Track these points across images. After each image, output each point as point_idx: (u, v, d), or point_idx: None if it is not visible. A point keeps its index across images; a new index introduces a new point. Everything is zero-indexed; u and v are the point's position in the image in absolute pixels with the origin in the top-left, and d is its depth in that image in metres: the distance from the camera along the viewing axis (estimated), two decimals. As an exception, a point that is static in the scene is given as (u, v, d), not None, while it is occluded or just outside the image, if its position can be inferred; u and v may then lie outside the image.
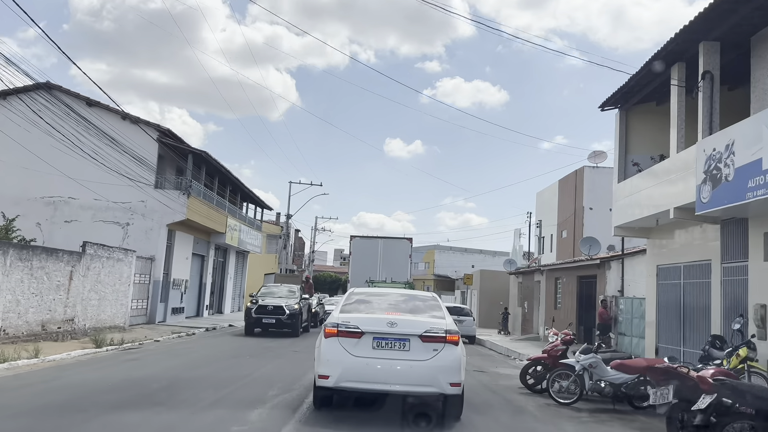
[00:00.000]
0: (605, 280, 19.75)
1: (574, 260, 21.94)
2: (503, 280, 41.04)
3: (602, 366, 10.18)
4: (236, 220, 32.68)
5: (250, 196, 36.12)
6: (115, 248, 20.04)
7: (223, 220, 29.64)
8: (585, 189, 31.69)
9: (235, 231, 32.23)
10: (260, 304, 20.95)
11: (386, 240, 27.68)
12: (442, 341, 7.32)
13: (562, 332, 12.03)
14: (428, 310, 8.21)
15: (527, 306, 28.66)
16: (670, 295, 15.37)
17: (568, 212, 33.21)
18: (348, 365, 7.24)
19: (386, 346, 7.30)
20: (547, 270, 25.70)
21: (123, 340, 16.30)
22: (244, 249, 35.85)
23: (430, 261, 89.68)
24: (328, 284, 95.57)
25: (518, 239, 59.52)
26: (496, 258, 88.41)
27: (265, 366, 13.13)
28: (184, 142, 25.29)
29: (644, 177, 15.22)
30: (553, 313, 24.96)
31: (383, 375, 7.21)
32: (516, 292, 31.41)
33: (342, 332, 7.40)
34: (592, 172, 31.99)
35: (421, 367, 7.20)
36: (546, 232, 37.05)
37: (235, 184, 32.08)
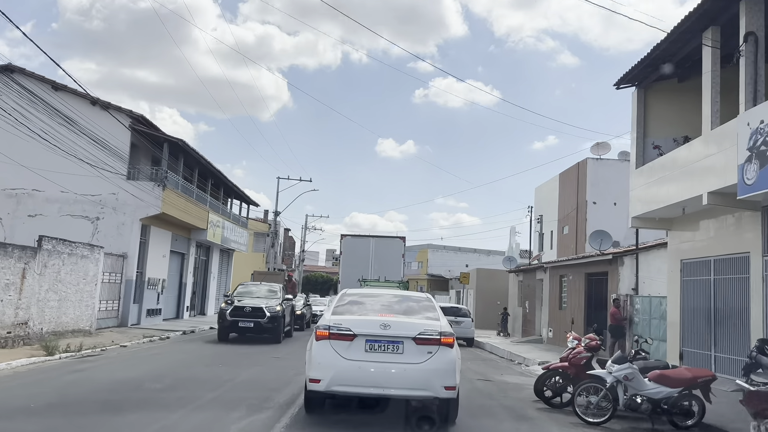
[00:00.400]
0: (617, 278, 18.06)
1: (583, 256, 20.24)
2: (501, 279, 39.36)
3: (639, 378, 8.43)
4: (219, 216, 30.81)
5: (234, 191, 34.22)
6: (78, 243, 18.16)
7: (203, 216, 27.77)
8: (588, 182, 30.03)
9: (217, 227, 30.37)
10: (236, 306, 18.49)
11: (378, 239, 26.58)
12: (436, 343, 7.11)
13: (586, 337, 10.25)
14: (422, 311, 7.93)
15: (528, 306, 26.96)
16: (697, 293, 13.68)
17: (570, 207, 31.54)
18: (340, 369, 7.03)
19: (379, 348, 7.09)
20: (551, 267, 24.01)
21: (82, 345, 14.42)
22: (228, 247, 33.99)
23: (423, 260, 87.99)
24: (320, 285, 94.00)
25: (514, 237, 57.99)
26: (491, 257, 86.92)
27: (237, 377, 11.28)
28: (159, 130, 23.42)
29: (668, 161, 13.52)
30: (557, 313, 23.26)
31: (376, 378, 7.01)
32: (516, 292, 29.69)
33: (334, 335, 7.18)
34: (596, 164, 30.34)
35: (415, 370, 7.01)
36: (546, 228, 35.38)
37: (217, 177, 30.20)
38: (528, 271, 27.83)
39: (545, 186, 36.11)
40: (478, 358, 19.84)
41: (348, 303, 8.10)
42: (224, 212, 32.99)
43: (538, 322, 25.78)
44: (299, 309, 25.13)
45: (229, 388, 9.90)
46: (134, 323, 22.52)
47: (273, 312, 18.44)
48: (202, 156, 25.80)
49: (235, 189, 33.43)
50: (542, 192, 36.45)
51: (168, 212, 22.91)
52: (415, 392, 7.15)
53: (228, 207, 35.47)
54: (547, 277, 24.56)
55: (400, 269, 25.34)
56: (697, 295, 13.66)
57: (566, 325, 22.13)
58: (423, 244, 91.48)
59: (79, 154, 20.25)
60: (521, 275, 28.98)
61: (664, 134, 15.01)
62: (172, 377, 10.88)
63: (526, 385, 12.71)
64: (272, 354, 15.47)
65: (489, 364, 17.50)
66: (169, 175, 23.24)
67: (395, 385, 7.04)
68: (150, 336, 18.85)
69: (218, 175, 29.70)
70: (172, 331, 20.93)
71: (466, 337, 24.77)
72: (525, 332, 27.30)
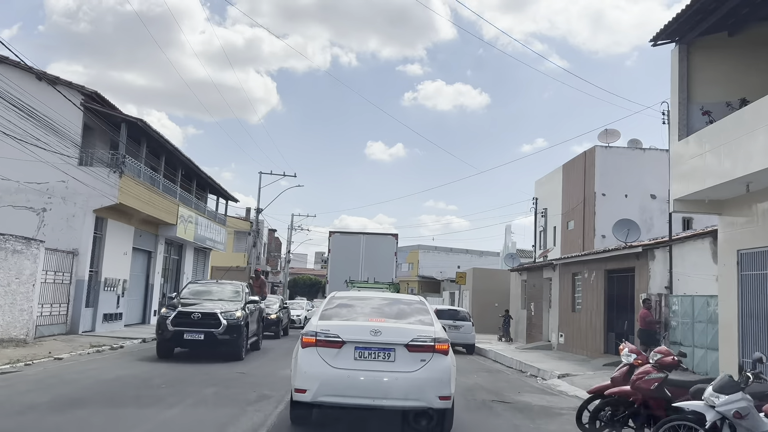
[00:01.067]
0: (647, 274, 15.41)
1: (605, 250, 17.53)
2: (499, 279, 36.73)
3: (756, 416, 5.68)
4: (191, 210, 27.95)
5: (210, 185, 31.33)
6: (9, 236, 15.29)
7: (172, 209, 24.91)
8: (597, 172, 27.43)
9: (190, 223, 27.50)
10: (181, 311, 13.98)
11: (369, 236, 24.59)
12: (430, 351, 6.73)
13: (655, 350, 7.39)
14: (415, 315, 7.49)
15: (534, 308, 24.31)
16: (761, 291, 11.03)
17: (576, 200, 28.92)
18: (327, 378, 6.63)
19: (369, 356, 6.71)
20: (562, 264, 21.34)
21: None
22: (203, 245, 31.09)
23: (413, 261, 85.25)
24: (307, 288, 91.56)
25: (510, 236, 55.40)
26: (483, 258, 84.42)
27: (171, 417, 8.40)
28: (115, 109, 20.56)
29: (723, 128, 10.86)
30: (570, 316, 20.60)
31: (366, 388, 6.63)
32: (519, 293, 27.00)
33: (321, 341, 6.76)
34: (605, 153, 27.76)
35: (408, 379, 6.64)
36: (548, 224, 32.74)
37: (188, 168, 27.34)
38: (533, 269, 25.15)
39: (547, 179, 33.50)
40: (483, 368, 17.14)
41: (336, 307, 7.60)
42: (198, 207, 30.13)
43: (545, 326, 23.11)
44: (273, 313, 22.24)
45: None
46: (87, 330, 19.62)
47: (231, 319, 14.05)
48: (167, 141, 22.94)
49: (210, 182, 30.56)
50: (543, 185, 33.80)
51: (126, 203, 20.06)
52: (408, 403, 6.70)
53: (204, 202, 32.58)
54: (556, 276, 21.91)
55: (392, 269, 23.46)
56: (761, 293, 11.01)
57: (581, 330, 19.49)
58: (413, 245, 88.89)
59: (23, 136, 17.37)
60: (525, 274, 26.30)
61: (713, 97, 12.33)
62: (67, 417, 8.02)
63: (556, 409, 10.01)
64: (228, 374, 12.46)
65: (498, 378, 14.79)
66: (128, 161, 20.39)
67: (386, 396, 6.62)
68: (99, 345, 16.01)
69: (189, 165, 26.84)
70: (130, 339, 18.08)
71: (467, 344, 22.10)
72: (530, 337, 24.62)
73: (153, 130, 21.26)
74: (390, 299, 8.15)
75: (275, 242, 77.82)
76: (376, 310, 7.49)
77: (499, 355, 19.69)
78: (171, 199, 24.85)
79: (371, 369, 6.65)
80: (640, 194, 27.22)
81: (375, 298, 8.15)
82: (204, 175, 28.90)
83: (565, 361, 17.70)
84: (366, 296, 8.46)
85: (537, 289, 24.03)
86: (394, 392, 6.60)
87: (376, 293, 9.90)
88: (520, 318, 26.53)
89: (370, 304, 7.77)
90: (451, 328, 21.69)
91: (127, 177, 19.95)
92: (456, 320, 22.20)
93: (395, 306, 7.77)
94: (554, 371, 14.71)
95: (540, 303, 23.71)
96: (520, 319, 26.49)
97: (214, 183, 30.92)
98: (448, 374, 6.75)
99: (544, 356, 18.96)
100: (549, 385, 13.49)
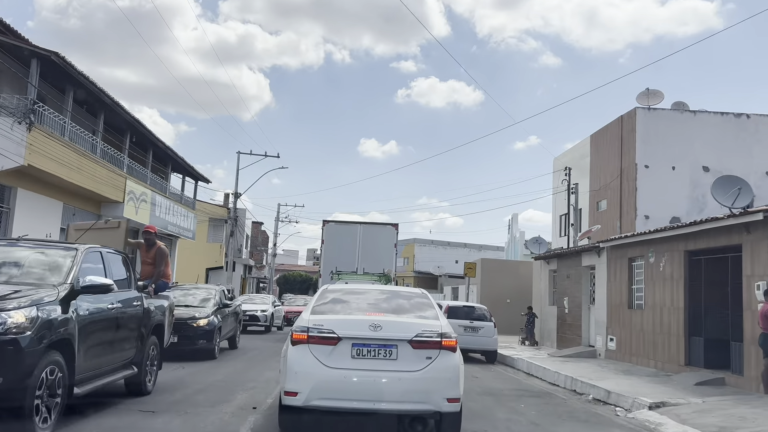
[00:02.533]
0: (761, 255, 10.60)
1: (691, 223, 12.47)
2: (512, 272, 32.02)
3: None
4: (147, 187, 23.03)
5: (172, 158, 26.35)
6: None
7: (117, 183, 20.02)
8: (638, 139, 22.62)
9: (143, 202, 22.58)
10: None
11: (367, 226, 21.78)
12: (436, 347, 5.98)
13: None
14: (417, 309, 6.70)
15: (569, 304, 19.47)
16: None
17: (610, 175, 24.15)
18: (321, 379, 5.87)
19: (368, 354, 5.95)
20: (612, 248, 16.48)
21: None
22: (164, 232, 26.14)
23: (409, 256, 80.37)
24: (298, 284, 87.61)
25: (516, 225, 50.65)
26: (483, 252, 79.55)
27: None
28: (24, 40, 15.57)
29: None
30: (625, 314, 15.74)
31: (365, 390, 5.86)
32: (545, 286, 22.11)
33: (314, 338, 5.97)
34: (647, 116, 22.95)
35: (412, 379, 5.87)
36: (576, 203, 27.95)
37: (140, 133, 22.36)
38: (567, 256, 20.18)
39: (570, 154, 28.68)
40: (520, 387, 12.31)
41: (330, 301, 6.79)
42: (158, 186, 25.17)
43: (586, 326, 18.28)
44: (203, 317, 13.50)
45: None
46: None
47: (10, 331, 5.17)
48: (102, 91, 17.95)
49: (171, 155, 25.58)
50: (565, 162, 28.98)
51: (41, 165, 15.18)
52: (412, 406, 5.96)
53: (167, 180, 27.61)
54: (602, 263, 17.07)
55: (392, 261, 20.61)
56: None
57: (644, 333, 14.69)
58: (409, 239, 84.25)
59: None
60: (555, 263, 21.36)
61: None
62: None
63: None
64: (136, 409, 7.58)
65: (553, 406, 9.94)
66: (46, 112, 15.46)
67: (388, 399, 5.86)
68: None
69: (141, 129, 21.87)
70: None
71: (487, 350, 17.34)
72: (563, 341, 19.77)
73: (76, 71, 16.25)
74: (389, 292, 7.50)
75: (262, 236, 73.17)
76: (374, 305, 6.76)
77: (533, 366, 14.88)
78: (114, 169, 19.92)
79: (370, 368, 5.93)
80: (689, 166, 22.47)
81: (372, 291, 7.47)
82: (161, 145, 23.91)
83: (633, 376, 12.89)
84: (361, 289, 7.71)
85: (573, 280, 19.19)
86: (397, 394, 5.88)
87: (371, 285, 9.00)
88: (546, 316, 21.68)
89: (366, 297, 7.07)
90: (467, 330, 16.94)
91: (40, 131, 15.02)
92: (473, 320, 17.39)
93: (395, 299, 7.09)
94: (636, 396, 9.89)
95: (577, 298, 18.87)
96: (546, 318, 21.64)
97: (176, 157, 25.95)
98: (457, 373, 6.04)
99: (597, 368, 14.14)
100: (642, 422, 8.67)
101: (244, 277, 53.01)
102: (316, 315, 6.31)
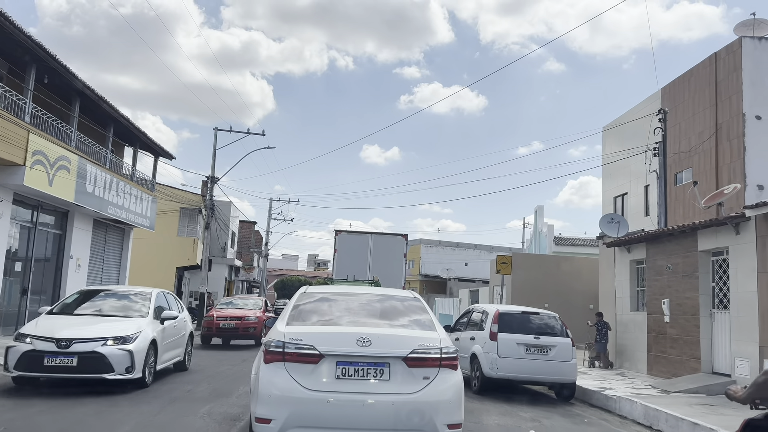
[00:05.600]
0: None
1: None
2: (548, 269, 25.80)
3: None
4: (69, 150, 16.85)
5: (113, 119, 20.05)
6: None
7: (15, 137, 13.83)
8: (745, 81, 16.44)
9: (63, 170, 16.39)
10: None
11: (378, 236, 22.54)
12: (435, 365, 5.27)
13: None
14: (410, 315, 5.93)
15: (669, 309, 13.09)
16: None
17: (697, 137, 17.93)
18: (300, 404, 5.06)
19: (356, 374, 5.17)
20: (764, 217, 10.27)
21: None
22: (105, 216, 19.94)
23: (415, 258, 74.12)
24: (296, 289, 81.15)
25: (542, 218, 44.20)
26: (494, 254, 73.56)
27: None
28: None
29: None
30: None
31: (352, 417, 5.05)
32: (625, 283, 15.58)
33: (290, 355, 5.17)
34: (756, 49, 16.75)
35: (407, 403, 5.11)
36: (634, 183, 21.70)
37: (57, 74, 16.11)
38: (666, 238, 13.42)
39: (631, 115, 22.41)
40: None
41: (310, 307, 5.89)
42: (91, 152, 18.95)
43: (707, 343, 11.89)
44: None
45: None
46: None
47: None
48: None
49: (109, 110, 19.27)
50: (618, 131, 22.68)
51: None
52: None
53: (107, 148, 21.39)
54: (746, 243, 10.79)
55: (402, 271, 21.30)
56: None
57: None
58: (414, 240, 78.13)
59: None
60: (640, 250, 14.74)
61: None
62: None
63: None
64: None
65: None
66: None
67: (379, 426, 5.10)
68: None
69: (53, 66, 15.62)
70: None
71: (564, 382, 11.05)
72: (660, 363, 13.38)
73: None
74: (378, 295, 6.46)
75: (256, 236, 67.04)
76: (362, 312, 5.92)
77: (662, 417, 8.60)
78: (7, 116, 13.71)
79: (358, 391, 5.12)
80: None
81: (358, 294, 6.51)
82: (90, 94, 17.58)
83: None
84: (346, 291, 6.79)
85: (679, 274, 12.81)
86: (390, 421, 5.10)
87: (356, 288, 7.58)
88: (626, 327, 15.29)
89: (352, 302, 6.12)
90: (531, 351, 10.86)
91: None
92: (539, 334, 11.13)
93: (385, 303, 6.16)
94: None
95: (689, 299, 12.49)
96: (627, 329, 15.25)
97: (119, 116, 19.62)
98: (459, 395, 5.36)
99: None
100: None
101: (230, 280, 46.72)
102: (293, 326, 5.50)
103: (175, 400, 8.69)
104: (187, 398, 8.91)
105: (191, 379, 10.89)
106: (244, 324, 19.04)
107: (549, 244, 39.44)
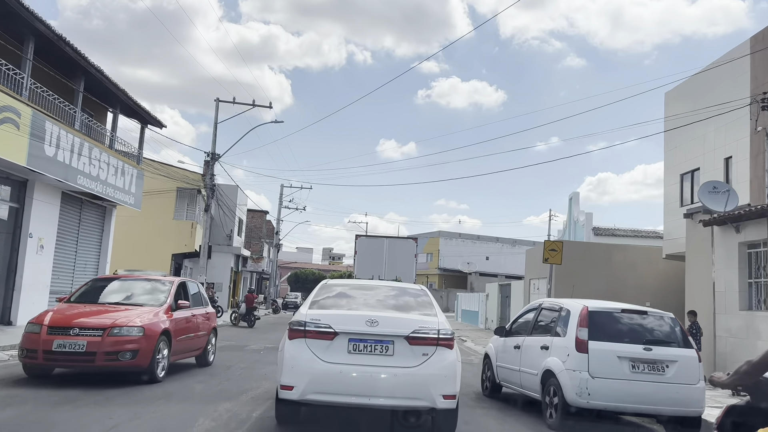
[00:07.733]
0: None
1: None
2: (598, 260, 22.30)
3: None
4: (19, 100, 13.52)
5: (82, 68, 16.67)
6: None
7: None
8: None
9: (8, 124, 13.09)
10: None
11: (392, 239, 25.72)
12: (433, 344, 6.05)
13: None
14: (416, 306, 6.69)
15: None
16: None
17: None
18: (317, 374, 5.89)
19: (365, 349, 5.99)
20: None
21: None
22: (75, 187, 16.63)
23: (433, 251, 70.73)
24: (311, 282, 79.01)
25: (577, 206, 40.34)
26: (517, 247, 69.68)
27: None
28: None
29: None
30: None
31: (361, 386, 5.88)
32: (729, 273, 11.78)
33: (310, 333, 6.04)
34: None
35: (408, 375, 5.90)
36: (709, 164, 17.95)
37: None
38: None
39: (689, 86, 18.61)
40: None
41: (328, 296, 6.83)
42: (49, 105, 15.62)
43: None
44: None
45: None
46: None
47: None
48: None
49: (78, 60, 15.87)
50: (690, 91, 18.92)
51: None
52: (408, 402, 5.99)
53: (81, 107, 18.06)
54: None
55: (412, 270, 23.72)
56: None
57: None
58: (433, 231, 74.52)
59: None
60: (753, 229, 10.92)
61: None
62: None
63: None
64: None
65: None
66: None
67: (384, 394, 5.90)
68: None
69: None
70: None
71: (688, 415, 7.46)
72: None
73: None
74: (390, 287, 7.34)
75: (267, 226, 63.95)
76: (372, 300, 6.79)
77: None
78: None
79: (367, 364, 5.94)
80: None
81: (371, 286, 7.39)
82: (44, 31, 14.16)
83: None
84: (361, 284, 7.57)
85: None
86: (393, 390, 5.91)
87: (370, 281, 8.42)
88: (729, 331, 11.64)
89: (365, 293, 7.02)
90: (638, 367, 7.45)
91: None
92: (650, 343, 7.59)
93: (395, 293, 7.04)
94: None
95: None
96: (731, 333, 11.61)
97: (89, 65, 16.21)
98: (454, 370, 6.08)
99: None
100: None
101: (237, 270, 43.44)
102: (314, 309, 6.32)
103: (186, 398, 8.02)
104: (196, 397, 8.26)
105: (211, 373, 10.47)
106: (111, 342, 8.58)
107: (587, 234, 35.60)
